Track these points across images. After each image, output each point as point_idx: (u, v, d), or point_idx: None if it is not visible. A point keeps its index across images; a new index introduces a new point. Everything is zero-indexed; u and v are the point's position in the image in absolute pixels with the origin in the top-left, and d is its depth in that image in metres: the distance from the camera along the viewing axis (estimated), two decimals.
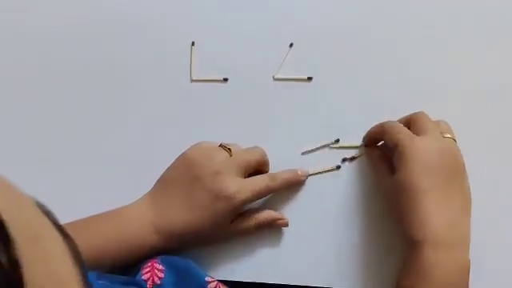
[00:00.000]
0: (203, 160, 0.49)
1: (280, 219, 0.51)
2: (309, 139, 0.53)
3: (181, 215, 0.48)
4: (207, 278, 0.46)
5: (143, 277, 0.45)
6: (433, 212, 0.43)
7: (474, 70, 0.54)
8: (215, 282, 0.46)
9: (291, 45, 0.55)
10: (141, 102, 0.56)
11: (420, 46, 0.55)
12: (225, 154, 0.49)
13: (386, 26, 0.55)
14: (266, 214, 0.51)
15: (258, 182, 0.49)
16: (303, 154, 0.53)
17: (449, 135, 0.47)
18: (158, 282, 0.45)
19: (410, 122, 0.48)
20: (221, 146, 0.50)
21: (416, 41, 0.55)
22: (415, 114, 0.48)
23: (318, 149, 0.53)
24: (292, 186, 0.52)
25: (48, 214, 0.20)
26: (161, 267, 0.46)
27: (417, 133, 0.46)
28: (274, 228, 0.52)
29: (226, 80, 0.55)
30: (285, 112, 0.54)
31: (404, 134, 0.46)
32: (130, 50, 0.57)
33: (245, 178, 0.50)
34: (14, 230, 0.16)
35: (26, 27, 0.58)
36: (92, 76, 0.56)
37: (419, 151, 0.44)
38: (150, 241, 0.48)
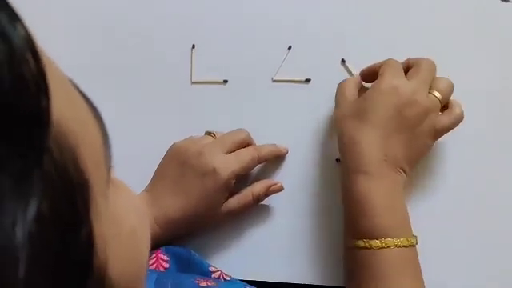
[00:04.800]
0: (188, 145, 0.50)
1: (274, 184, 0.52)
2: (306, 140, 0.54)
3: (173, 201, 0.49)
4: (211, 268, 0.47)
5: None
6: (374, 146, 0.45)
7: (470, 71, 0.55)
8: (219, 272, 0.47)
9: (290, 47, 0.56)
10: (141, 103, 0.57)
11: (419, 47, 0.55)
12: (209, 138, 0.52)
13: (384, 27, 0.56)
14: (260, 184, 0.52)
15: (243, 154, 0.50)
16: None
17: (436, 94, 0.47)
18: (164, 272, 0.46)
19: (413, 63, 0.49)
20: (206, 133, 0.53)
21: (414, 42, 0.55)
22: (424, 59, 0.49)
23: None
24: (276, 157, 0.53)
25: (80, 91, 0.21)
26: (165, 257, 0.47)
27: (409, 75, 0.47)
28: (270, 195, 0.52)
29: (225, 82, 0.56)
30: (283, 113, 0.55)
31: (392, 71, 0.47)
32: (130, 53, 0.58)
33: None
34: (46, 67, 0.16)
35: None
36: (92, 78, 0.57)
37: (392, 88, 0.46)
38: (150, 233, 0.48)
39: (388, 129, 0.46)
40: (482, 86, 0.54)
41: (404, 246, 0.44)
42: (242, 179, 0.52)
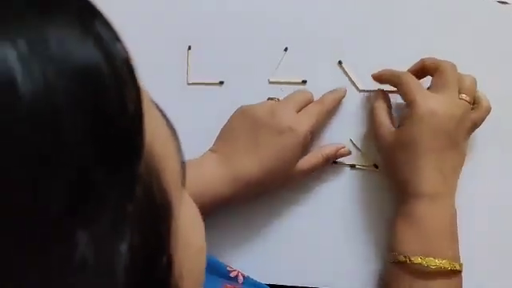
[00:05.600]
0: (257, 107, 0.51)
1: (342, 148, 0.52)
2: None
3: (247, 161, 0.48)
4: (228, 268, 0.48)
5: None
6: (431, 170, 0.46)
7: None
8: (236, 271, 0.47)
9: (286, 49, 0.56)
10: None
11: (417, 48, 0.55)
12: (274, 101, 0.52)
13: (381, 28, 0.56)
14: (330, 146, 0.52)
15: (311, 110, 0.51)
16: None
17: (464, 96, 0.48)
18: None
19: (435, 69, 0.49)
20: (268, 99, 0.53)
21: (413, 43, 0.55)
22: (445, 64, 0.49)
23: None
24: (339, 101, 0.54)
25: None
26: None
27: (436, 85, 0.48)
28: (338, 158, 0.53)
29: (221, 83, 0.56)
30: None
31: (420, 93, 0.47)
32: None
33: None
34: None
35: None
36: None
37: (430, 113, 0.46)
38: (219, 191, 0.48)
39: (441, 151, 0.47)
40: (482, 87, 0.53)
41: (457, 270, 0.45)
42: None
